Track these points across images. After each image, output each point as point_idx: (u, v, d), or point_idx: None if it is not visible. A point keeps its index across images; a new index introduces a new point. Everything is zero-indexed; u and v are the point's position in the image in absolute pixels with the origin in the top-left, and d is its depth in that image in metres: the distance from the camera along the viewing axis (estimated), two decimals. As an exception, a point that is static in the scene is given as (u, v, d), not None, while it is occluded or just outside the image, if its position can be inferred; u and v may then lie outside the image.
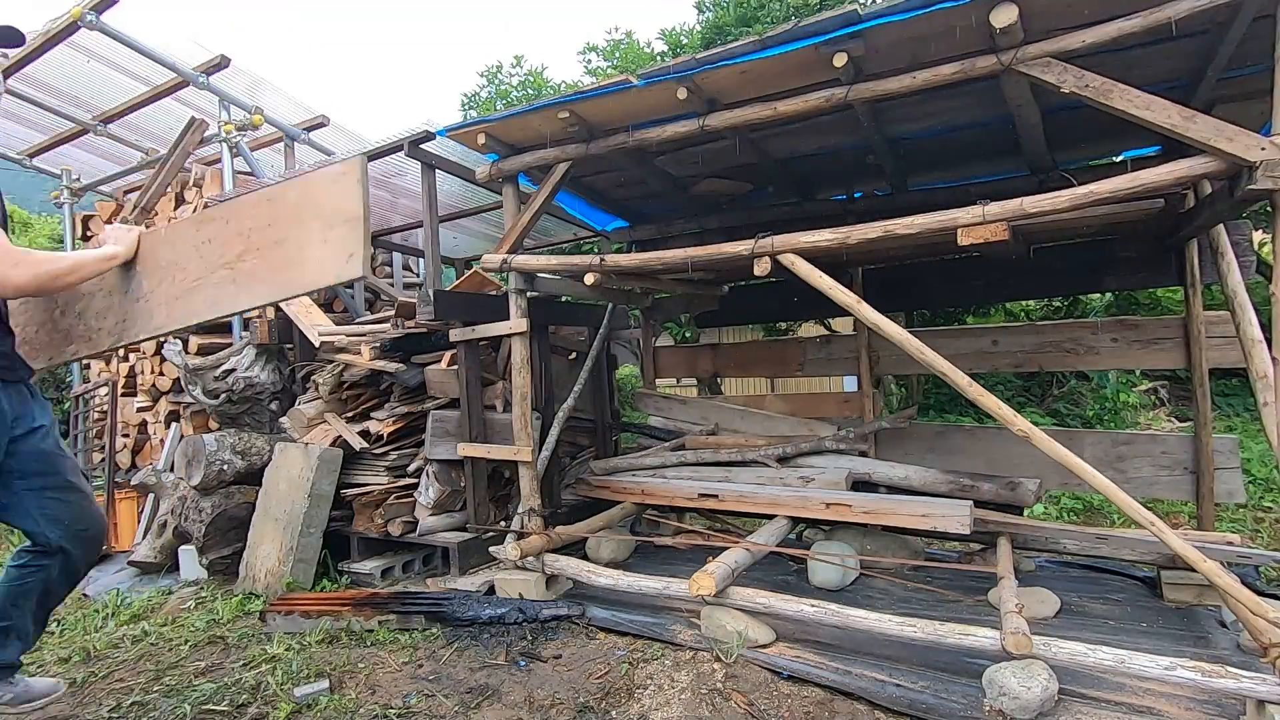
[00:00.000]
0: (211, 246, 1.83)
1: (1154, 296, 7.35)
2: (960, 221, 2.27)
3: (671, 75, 2.52)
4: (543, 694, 2.20)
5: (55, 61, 4.66)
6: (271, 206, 1.77)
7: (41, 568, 2.00)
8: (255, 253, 1.78)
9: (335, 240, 1.69)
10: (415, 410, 3.81)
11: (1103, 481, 2.06)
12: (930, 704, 2.03)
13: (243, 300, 1.83)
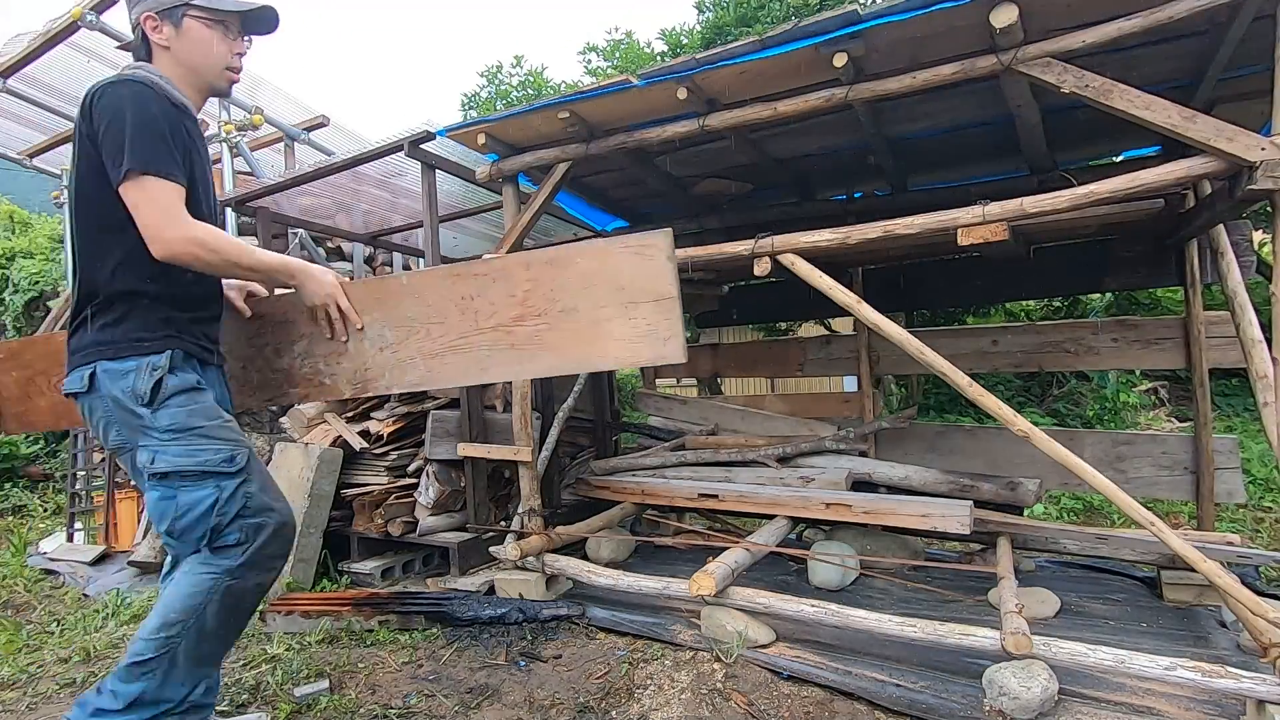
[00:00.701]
0: (475, 304, 1.66)
1: (1154, 296, 7.36)
2: (960, 221, 2.27)
3: (671, 75, 2.52)
4: (543, 694, 2.20)
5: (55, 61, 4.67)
6: (554, 270, 1.59)
7: None
8: (537, 318, 1.61)
9: (643, 320, 1.52)
10: (415, 410, 3.81)
11: (1103, 481, 2.06)
12: (930, 704, 2.03)
13: (527, 368, 1.67)
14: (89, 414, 1.61)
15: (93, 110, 1.50)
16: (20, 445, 7.14)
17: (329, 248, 5.70)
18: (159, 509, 1.56)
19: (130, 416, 1.55)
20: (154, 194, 1.48)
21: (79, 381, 1.57)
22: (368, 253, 6.07)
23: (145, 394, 1.55)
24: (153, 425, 1.55)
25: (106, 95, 1.49)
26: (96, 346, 1.56)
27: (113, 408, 1.55)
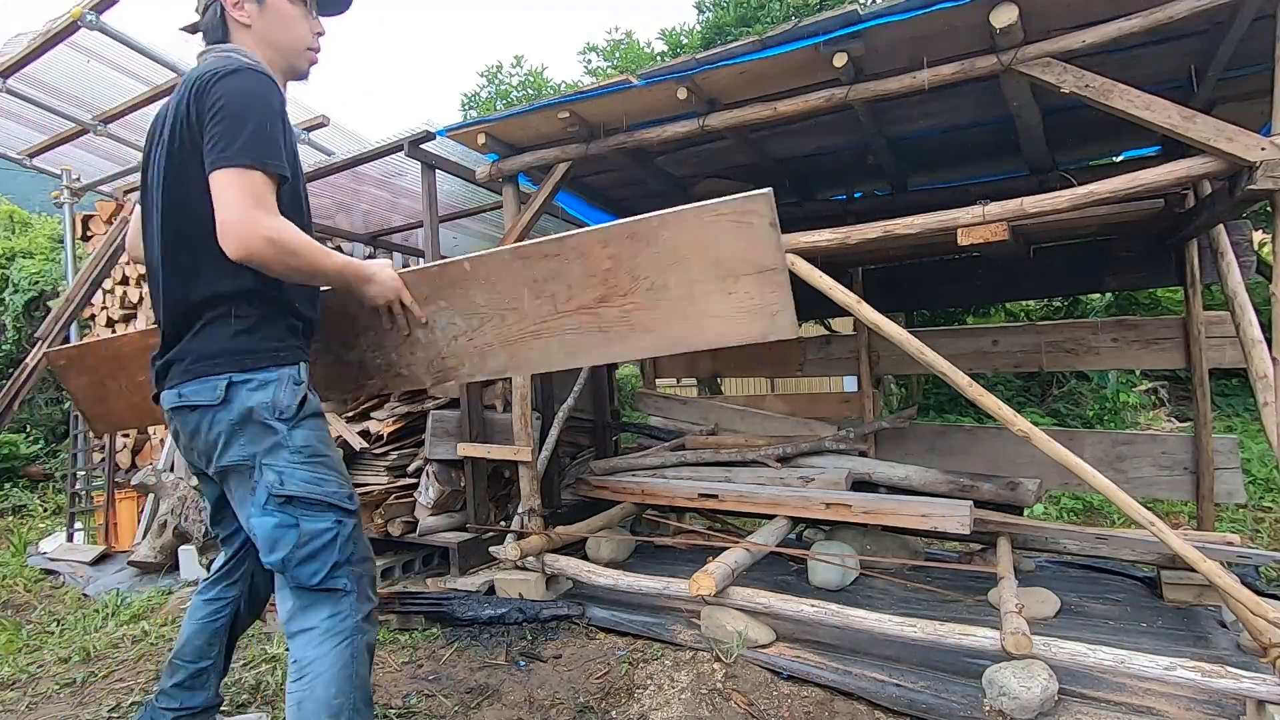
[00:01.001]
0: (550, 287, 1.56)
1: (1154, 296, 7.35)
2: (960, 221, 2.27)
3: (671, 75, 2.52)
4: (543, 694, 2.20)
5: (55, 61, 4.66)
6: (636, 245, 1.49)
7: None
8: (623, 298, 1.51)
9: (745, 294, 1.41)
10: (415, 410, 3.81)
11: (1103, 481, 2.06)
12: (930, 704, 2.03)
13: (616, 350, 1.57)
14: (202, 426, 1.42)
15: (207, 94, 1.35)
16: (20, 445, 7.15)
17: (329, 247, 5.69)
18: (275, 535, 1.41)
19: (264, 432, 1.41)
20: (250, 187, 1.33)
21: (211, 393, 1.39)
22: (368, 253, 6.07)
23: (288, 409, 1.43)
24: (287, 444, 1.42)
25: (227, 80, 1.36)
26: (232, 355, 1.41)
27: (241, 421, 1.40)
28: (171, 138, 1.42)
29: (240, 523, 1.53)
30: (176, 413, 1.45)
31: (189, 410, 1.43)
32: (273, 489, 1.41)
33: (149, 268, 1.55)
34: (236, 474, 1.44)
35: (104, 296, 5.59)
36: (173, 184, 1.43)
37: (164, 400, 1.48)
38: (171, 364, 1.46)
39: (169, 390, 1.46)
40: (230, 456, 1.42)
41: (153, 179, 1.49)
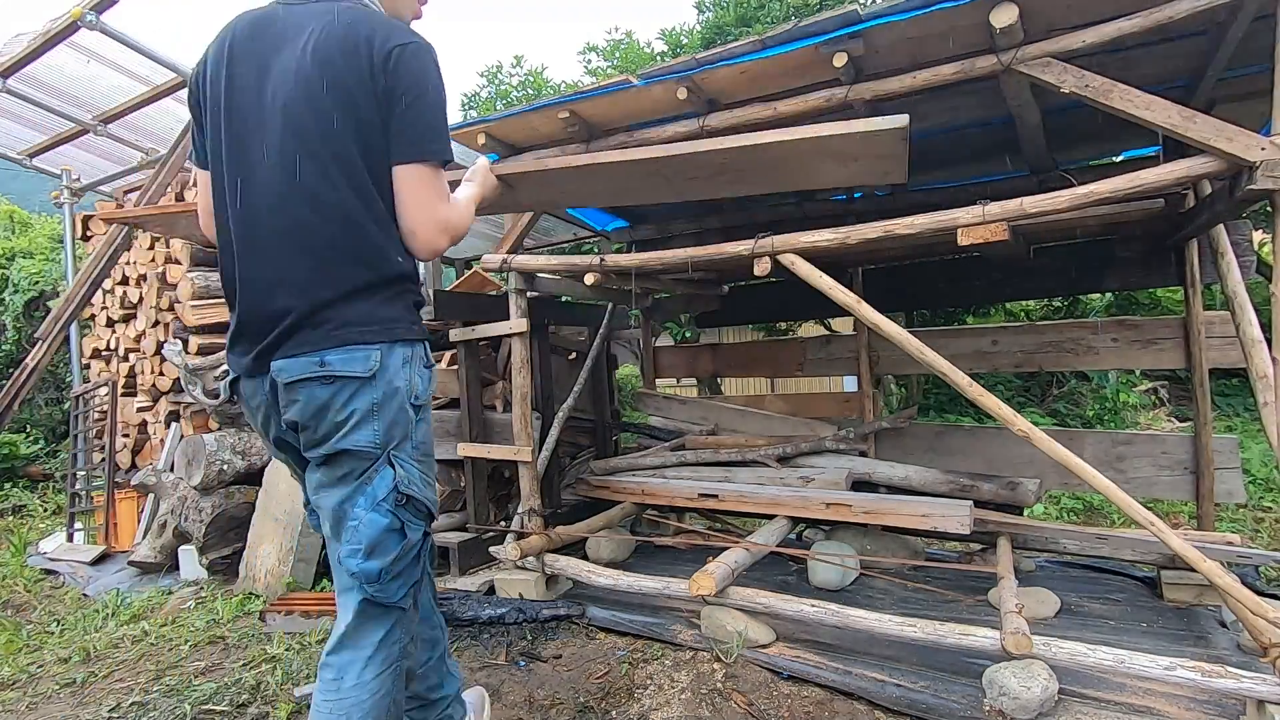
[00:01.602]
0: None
1: (1154, 296, 7.35)
2: (960, 221, 2.27)
3: (671, 75, 2.52)
4: (543, 694, 2.20)
5: (55, 61, 4.66)
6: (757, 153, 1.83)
7: None
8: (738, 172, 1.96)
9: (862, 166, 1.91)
10: (415, 410, 3.81)
11: (1103, 481, 2.06)
12: (930, 704, 2.03)
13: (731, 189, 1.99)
14: (335, 402, 1.24)
15: (398, 62, 1.25)
16: (20, 445, 7.15)
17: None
18: (382, 539, 1.27)
19: (400, 418, 1.29)
20: (436, 188, 1.31)
21: (364, 364, 1.24)
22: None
23: (422, 395, 1.33)
24: (412, 436, 1.32)
25: (421, 56, 1.28)
26: (384, 324, 1.28)
27: (385, 401, 1.26)
28: (325, 88, 1.25)
29: None
30: (302, 385, 1.24)
31: (324, 382, 1.23)
32: (400, 485, 1.28)
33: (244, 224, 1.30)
34: (351, 459, 1.27)
35: (104, 296, 5.58)
36: (321, 139, 1.26)
37: (281, 370, 1.25)
38: (299, 329, 1.24)
39: (297, 358, 1.24)
40: (357, 439, 1.25)
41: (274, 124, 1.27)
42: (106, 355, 5.67)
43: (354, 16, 1.29)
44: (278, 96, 1.28)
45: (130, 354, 5.41)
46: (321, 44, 1.27)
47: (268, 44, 1.31)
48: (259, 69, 1.31)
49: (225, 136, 1.32)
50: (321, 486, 1.31)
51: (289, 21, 1.32)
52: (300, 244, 1.27)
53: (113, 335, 5.58)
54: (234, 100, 1.32)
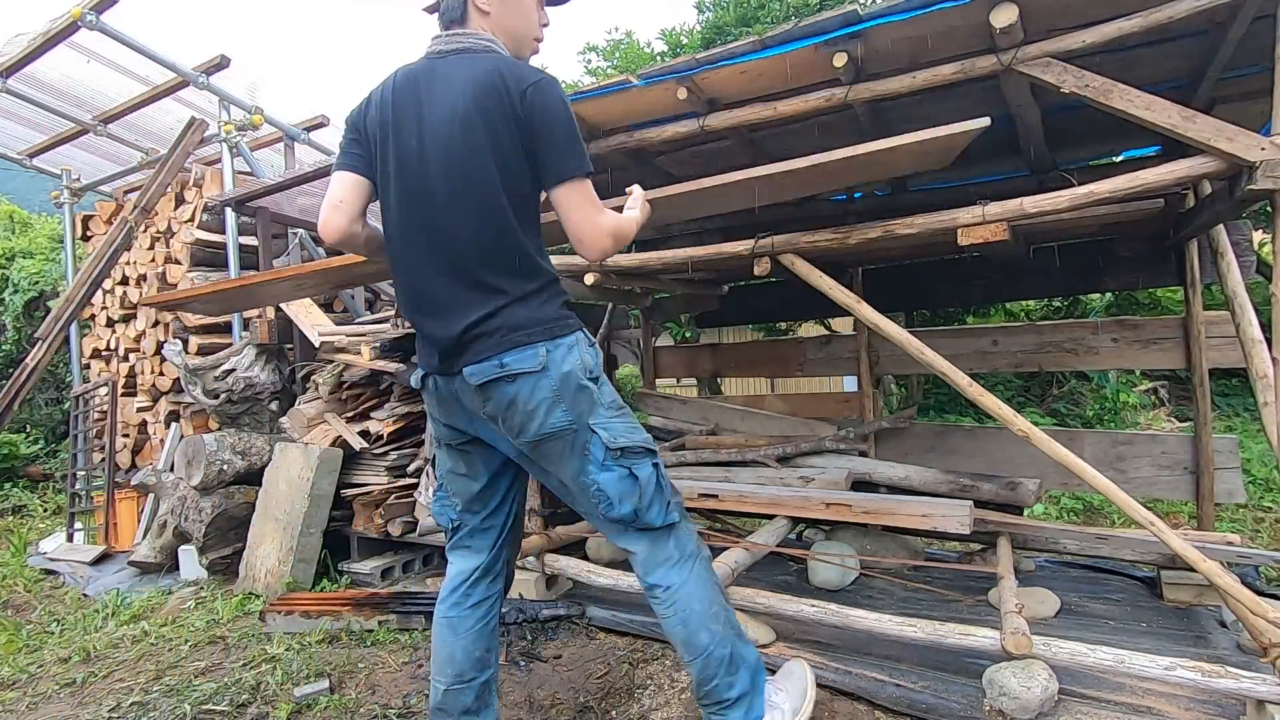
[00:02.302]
0: None
1: (1154, 296, 7.35)
2: (960, 221, 2.27)
3: (671, 75, 2.52)
4: (543, 694, 2.20)
5: (55, 61, 4.67)
6: None
7: None
8: None
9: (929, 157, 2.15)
10: (415, 410, 3.81)
11: (1103, 481, 2.06)
12: (930, 704, 2.03)
13: None
14: (522, 395, 1.47)
15: (532, 98, 1.47)
16: (20, 445, 7.15)
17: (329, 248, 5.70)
18: (622, 487, 1.52)
19: (582, 393, 1.51)
20: (589, 198, 1.51)
21: (533, 360, 1.47)
22: (368, 253, 6.07)
23: (594, 367, 1.55)
24: (599, 400, 1.54)
25: (550, 90, 1.49)
26: (542, 325, 1.51)
27: (562, 385, 1.49)
28: (476, 126, 1.47)
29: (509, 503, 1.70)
30: (492, 385, 1.48)
31: (508, 380, 1.47)
32: (609, 444, 1.51)
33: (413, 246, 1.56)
34: (558, 439, 1.50)
35: (104, 296, 5.59)
36: (482, 175, 1.49)
37: (473, 374, 1.49)
38: (475, 339, 1.49)
39: (482, 363, 1.48)
40: (554, 422, 1.48)
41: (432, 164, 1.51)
42: (106, 355, 5.67)
43: (492, 64, 1.51)
44: (438, 136, 1.51)
45: (130, 354, 5.41)
46: (469, 89, 1.49)
47: (424, 91, 1.55)
48: (417, 114, 1.53)
49: (394, 170, 1.55)
50: (546, 467, 1.57)
51: (439, 72, 1.55)
52: (470, 262, 1.51)
53: (113, 335, 5.58)
54: (399, 141, 1.55)
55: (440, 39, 1.60)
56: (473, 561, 1.71)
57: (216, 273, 4.91)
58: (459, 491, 1.71)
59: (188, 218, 4.99)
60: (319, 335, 4.18)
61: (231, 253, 4.76)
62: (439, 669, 1.66)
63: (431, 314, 1.55)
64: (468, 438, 1.66)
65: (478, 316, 1.49)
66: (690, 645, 1.55)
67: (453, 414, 1.63)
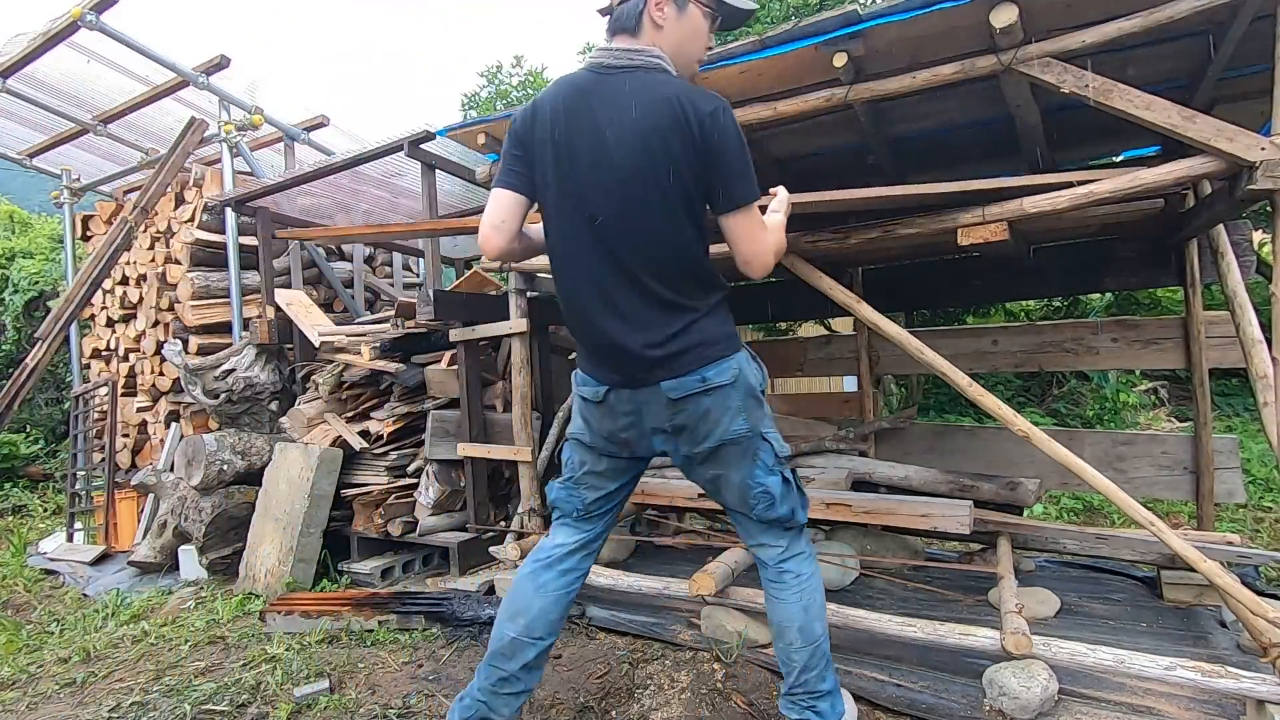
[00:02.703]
0: None
1: (1154, 296, 7.34)
2: (960, 221, 2.27)
3: (671, 75, 2.51)
4: (543, 694, 2.20)
5: (55, 61, 4.67)
6: None
7: None
8: None
9: None
10: (415, 410, 3.81)
11: (1103, 481, 2.06)
12: (930, 704, 2.03)
13: None
14: (715, 406, 1.58)
15: (712, 125, 1.50)
16: (20, 445, 7.15)
17: (329, 248, 5.71)
18: (782, 490, 1.67)
19: (756, 405, 1.64)
20: (759, 221, 1.60)
21: (728, 374, 1.58)
22: (368, 253, 6.07)
23: (763, 382, 1.69)
24: (766, 412, 1.68)
25: (726, 119, 1.53)
26: (728, 341, 1.62)
27: (744, 397, 1.61)
28: (657, 151, 1.51)
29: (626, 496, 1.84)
30: (690, 399, 1.57)
31: (706, 393, 1.57)
32: (778, 452, 1.67)
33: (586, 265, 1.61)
34: (736, 445, 1.62)
35: (104, 296, 5.59)
36: (664, 196, 1.54)
37: (673, 389, 1.57)
38: (673, 357, 1.57)
39: (683, 378, 1.57)
40: (737, 429, 1.60)
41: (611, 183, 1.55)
42: (106, 355, 5.67)
43: (672, 89, 1.54)
44: (618, 157, 1.53)
45: (130, 354, 5.41)
46: (651, 112, 1.52)
47: (599, 109, 1.56)
48: (595, 132, 1.55)
49: (570, 189, 1.58)
50: (710, 471, 1.69)
51: (612, 88, 1.56)
52: (656, 280, 1.57)
53: (113, 335, 5.58)
54: (575, 159, 1.57)
55: (610, 53, 1.60)
56: (577, 537, 1.82)
57: (216, 273, 4.92)
58: (593, 487, 1.80)
59: (188, 218, 4.99)
60: (319, 335, 4.18)
61: (231, 253, 4.77)
62: (510, 618, 1.75)
63: (613, 332, 1.59)
64: (620, 446, 1.73)
65: (670, 333, 1.56)
66: (806, 632, 1.68)
67: (619, 424, 1.68)
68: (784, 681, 1.77)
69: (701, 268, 1.62)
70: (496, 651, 1.75)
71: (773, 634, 1.79)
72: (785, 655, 1.73)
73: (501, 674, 1.72)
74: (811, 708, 1.70)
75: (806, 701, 1.70)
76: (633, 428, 1.67)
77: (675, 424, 1.61)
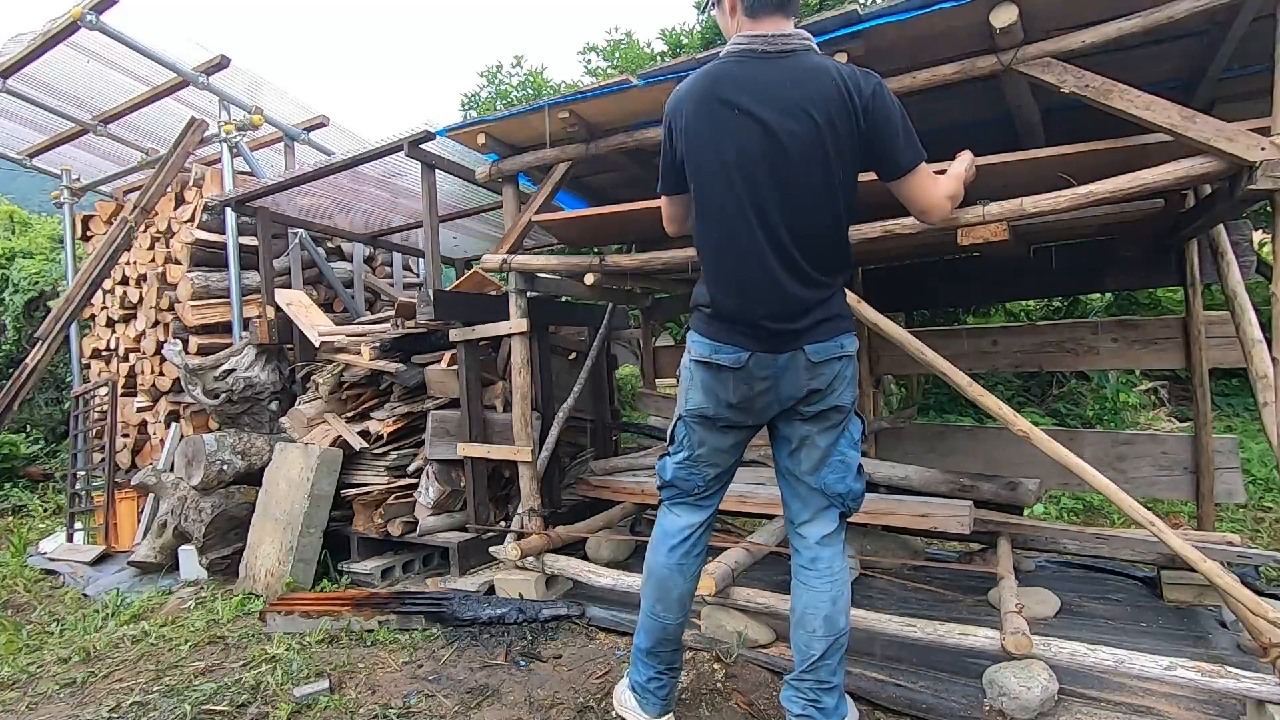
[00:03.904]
0: None
1: (1154, 296, 7.34)
2: (960, 221, 2.28)
3: (671, 75, 2.52)
4: (543, 694, 2.20)
5: (55, 61, 4.66)
6: None
7: None
8: None
9: None
10: (415, 410, 3.81)
11: (1103, 481, 2.06)
12: (930, 704, 2.03)
13: None
14: (837, 373, 1.70)
15: (876, 101, 1.59)
16: (20, 445, 7.15)
17: (329, 247, 5.70)
18: (856, 468, 1.77)
19: (854, 381, 1.76)
20: (929, 177, 1.71)
21: (852, 345, 1.72)
22: (368, 253, 6.07)
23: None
24: (856, 395, 1.79)
25: (885, 93, 1.62)
26: (848, 318, 1.75)
27: (855, 372, 1.76)
28: (822, 131, 1.57)
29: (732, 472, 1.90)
30: (827, 363, 1.68)
31: (839, 359, 1.70)
32: (863, 429, 1.81)
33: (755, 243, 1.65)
34: (839, 412, 1.73)
35: (104, 296, 5.59)
36: (827, 175, 1.62)
37: (816, 352, 1.67)
38: (820, 324, 1.68)
39: (824, 343, 1.68)
40: (843, 398, 1.73)
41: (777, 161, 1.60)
42: (106, 355, 5.67)
43: (828, 67, 1.61)
44: (781, 138, 1.59)
45: (130, 354, 5.41)
46: (813, 93, 1.57)
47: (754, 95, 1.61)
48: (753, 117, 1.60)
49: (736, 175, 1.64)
50: (806, 433, 1.75)
51: (768, 76, 1.62)
52: (809, 257, 1.65)
53: (113, 335, 5.58)
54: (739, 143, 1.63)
55: (761, 39, 1.62)
56: (700, 516, 1.89)
57: (216, 273, 4.91)
58: (716, 463, 1.86)
59: (188, 218, 4.99)
60: (319, 335, 4.18)
61: (231, 253, 4.76)
62: (668, 609, 1.88)
63: (765, 301, 1.67)
64: (747, 414, 1.78)
65: (815, 304, 1.67)
66: (831, 622, 1.71)
67: (756, 389, 1.72)
68: (793, 670, 1.78)
69: (842, 247, 1.74)
70: (664, 639, 1.89)
71: (793, 621, 1.79)
72: (804, 643, 1.74)
73: (669, 660, 1.91)
74: (816, 701, 1.72)
75: (813, 691, 1.72)
76: (769, 392, 1.72)
77: (812, 386, 1.70)
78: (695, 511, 1.89)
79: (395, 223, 5.39)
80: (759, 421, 1.81)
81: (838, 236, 1.71)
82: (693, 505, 1.89)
